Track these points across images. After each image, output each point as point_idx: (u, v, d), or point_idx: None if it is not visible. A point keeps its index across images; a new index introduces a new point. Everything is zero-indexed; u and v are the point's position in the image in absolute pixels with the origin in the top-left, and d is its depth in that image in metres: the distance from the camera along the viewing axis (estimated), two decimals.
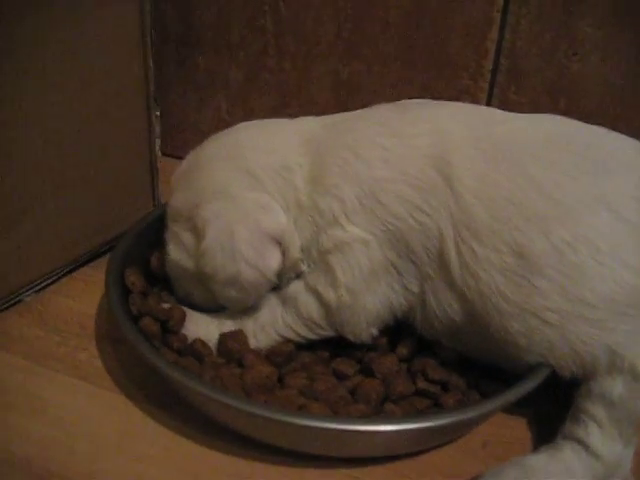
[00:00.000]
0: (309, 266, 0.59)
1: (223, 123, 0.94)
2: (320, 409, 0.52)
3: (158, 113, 0.77)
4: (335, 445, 0.52)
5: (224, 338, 0.59)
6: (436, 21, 0.80)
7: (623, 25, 0.73)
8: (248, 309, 0.61)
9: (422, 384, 0.58)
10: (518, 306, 0.52)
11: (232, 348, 0.58)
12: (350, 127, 0.59)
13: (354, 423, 0.49)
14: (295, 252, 0.58)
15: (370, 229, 0.56)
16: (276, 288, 0.61)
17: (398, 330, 0.61)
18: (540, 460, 0.52)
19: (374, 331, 0.59)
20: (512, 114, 0.59)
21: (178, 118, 0.97)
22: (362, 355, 0.61)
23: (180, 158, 0.96)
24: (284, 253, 0.58)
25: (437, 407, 0.57)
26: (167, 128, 0.97)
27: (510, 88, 0.80)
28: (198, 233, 0.59)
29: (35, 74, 0.62)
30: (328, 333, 0.60)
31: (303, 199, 0.58)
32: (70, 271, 0.74)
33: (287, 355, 0.59)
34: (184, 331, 0.60)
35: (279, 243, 0.57)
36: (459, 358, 0.59)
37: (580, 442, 0.52)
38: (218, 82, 0.92)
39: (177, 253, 0.61)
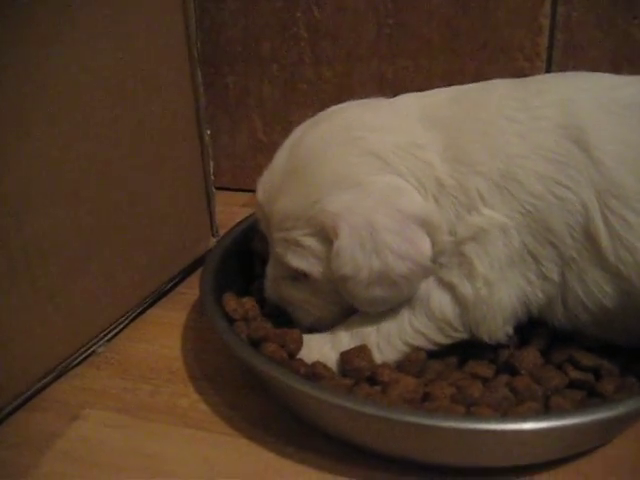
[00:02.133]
0: (440, 261, 0.53)
1: (260, 145, 0.89)
2: (489, 412, 0.46)
3: (209, 132, 0.71)
4: (518, 449, 0.45)
5: (349, 356, 0.52)
6: (482, 4, 0.76)
7: None
8: (366, 321, 0.54)
9: (574, 373, 0.52)
10: None
11: (361, 366, 0.52)
12: (477, 101, 0.54)
13: (563, 417, 0.43)
14: (443, 234, 0.52)
15: (507, 212, 0.50)
16: None
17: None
18: None
19: (509, 329, 0.53)
20: (626, 77, 0.55)
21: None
22: (494, 355, 0.55)
23: (217, 188, 0.91)
24: (431, 237, 0.51)
25: (594, 396, 0.51)
26: None
27: (569, 64, 0.77)
28: (327, 233, 0.51)
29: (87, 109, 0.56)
30: (462, 335, 0.53)
31: (444, 178, 0.52)
32: (139, 314, 0.66)
33: (421, 363, 0.53)
34: (299, 356, 0.54)
35: (425, 226, 0.51)
36: (602, 345, 0.54)
37: None
38: (251, 101, 0.87)
39: (300, 263, 0.53)
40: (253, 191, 0.83)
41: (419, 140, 0.53)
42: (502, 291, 0.51)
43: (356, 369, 0.52)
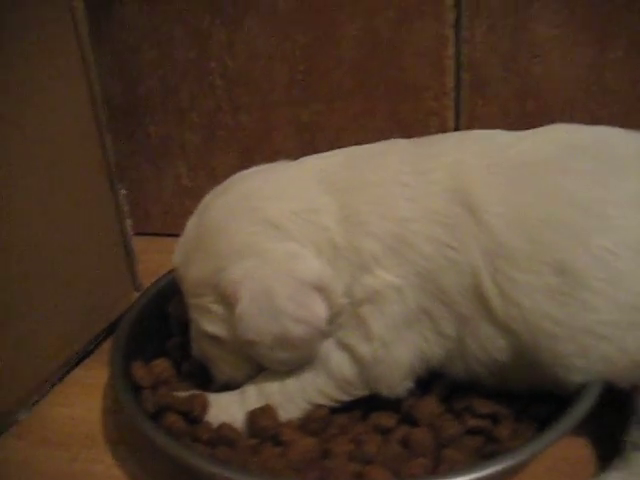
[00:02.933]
0: (337, 322, 0.55)
1: (185, 190, 0.91)
2: (380, 472, 0.48)
3: (124, 191, 0.73)
4: None
5: (254, 417, 0.54)
6: (389, 47, 0.79)
7: (577, 19, 0.74)
8: (271, 379, 0.56)
9: (472, 421, 0.54)
10: (569, 326, 0.50)
11: (265, 425, 0.54)
12: (371, 165, 0.56)
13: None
14: (338, 297, 0.54)
15: (401, 274, 0.53)
16: None
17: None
18: (614, 477, 0.50)
19: (409, 384, 0.56)
20: (517, 133, 0.57)
21: (137, 193, 0.92)
22: (398, 403, 0.57)
23: (146, 234, 0.93)
24: (327, 300, 0.54)
25: (491, 441, 0.54)
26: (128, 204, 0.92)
27: (477, 101, 0.80)
28: (229, 300, 0.54)
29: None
30: (362, 392, 0.56)
31: (338, 240, 0.54)
32: (62, 377, 0.68)
33: (323, 420, 0.55)
34: (206, 418, 0.55)
35: (320, 290, 0.53)
36: (501, 391, 0.57)
37: None
38: (174, 148, 0.89)
39: (210, 327, 0.56)
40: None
41: (315, 205, 0.55)
42: (399, 350, 0.54)
43: (261, 429, 0.54)
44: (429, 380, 0.58)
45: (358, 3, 0.77)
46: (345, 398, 0.56)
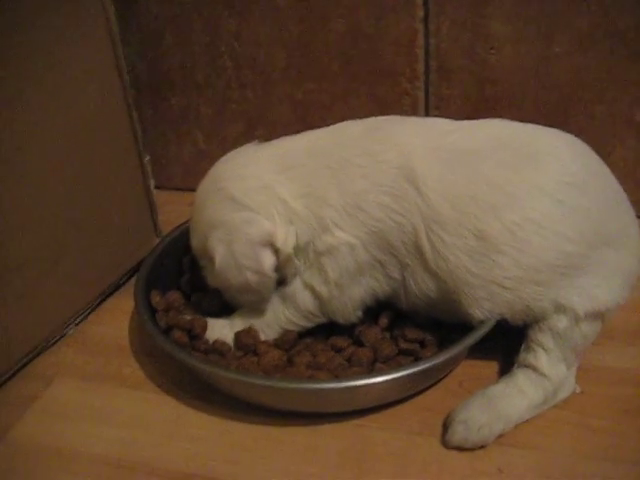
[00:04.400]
0: (305, 264, 0.71)
1: (202, 153, 1.08)
2: (325, 376, 0.66)
3: (148, 158, 0.90)
4: (341, 401, 0.66)
5: (239, 335, 0.73)
6: (369, 38, 0.92)
7: (526, 17, 0.86)
8: (254, 309, 0.74)
9: (403, 344, 0.71)
10: (482, 278, 0.65)
11: (247, 342, 0.72)
12: (330, 152, 0.70)
13: (355, 380, 0.63)
14: (287, 249, 0.70)
15: (356, 233, 0.68)
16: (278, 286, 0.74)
17: (379, 304, 0.75)
18: (498, 388, 0.66)
19: (359, 313, 0.72)
20: (458, 122, 0.70)
21: (162, 154, 1.10)
22: (352, 329, 0.75)
23: (169, 189, 1.10)
24: (277, 252, 0.70)
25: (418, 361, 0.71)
26: (153, 164, 1.09)
27: (442, 85, 0.93)
28: (212, 260, 0.71)
29: (25, 133, 0.72)
30: (322, 320, 0.73)
31: (299, 209, 0.69)
32: (99, 303, 0.87)
33: (291, 341, 0.73)
34: (205, 336, 0.74)
35: (269, 245, 0.69)
36: (431, 320, 0.73)
37: (531, 367, 0.66)
38: (191, 118, 1.05)
39: (207, 274, 0.75)
40: None
41: (270, 182, 0.70)
42: (353, 290, 0.70)
43: (244, 345, 0.72)
44: (376, 312, 0.75)
45: (343, 1, 0.91)
46: (308, 324, 0.73)
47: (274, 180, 0.71)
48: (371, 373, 0.67)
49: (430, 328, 0.73)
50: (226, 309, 0.77)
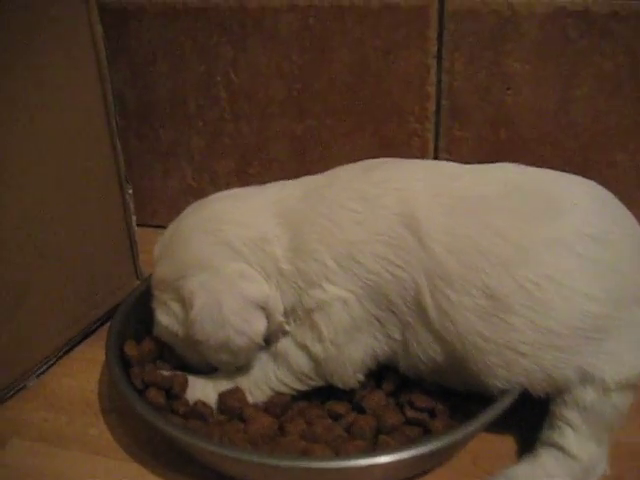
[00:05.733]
0: (295, 322, 0.64)
1: (190, 189, 1.00)
2: (321, 450, 0.57)
3: (131, 191, 0.82)
4: None
5: (224, 397, 0.64)
6: (377, 73, 0.86)
7: (546, 57, 0.81)
8: (241, 368, 0.65)
9: (410, 413, 0.63)
10: (495, 342, 0.57)
11: (232, 405, 0.63)
12: (322, 196, 0.63)
13: (354, 459, 0.54)
14: (278, 316, 0.63)
15: (349, 287, 0.60)
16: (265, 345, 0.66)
17: (382, 367, 0.66)
18: (523, 469, 0.58)
19: (360, 377, 0.64)
20: (466, 166, 0.64)
21: (146, 189, 1.02)
22: (352, 394, 0.66)
23: (152, 226, 1.02)
24: (268, 318, 0.63)
25: (427, 433, 0.62)
26: (137, 199, 1.01)
27: (454, 126, 0.87)
28: (185, 303, 0.63)
29: (11, 169, 0.66)
30: (318, 383, 0.64)
31: (284, 267, 0.62)
32: (67, 352, 0.77)
33: (284, 405, 0.64)
34: (185, 395, 0.65)
35: (263, 308, 0.62)
36: (441, 387, 0.65)
37: (557, 446, 0.58)
38: (181, 151, 0.98)
39: (166, 320, 0.66)
40: None
41: (268, 235, 0.63)
42: (351, 349, 0.62)
43: (229, 408, 0.63)
44: (380, 375, 0.66)
45: (350, 32, 0.85)
46: (303, 388, 0.64)
47: (271, 233, 0.64)
48: (376, 450, 0.58)
49: (441, 395, 0.64)
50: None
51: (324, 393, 0.66)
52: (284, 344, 0.64)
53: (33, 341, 0.72)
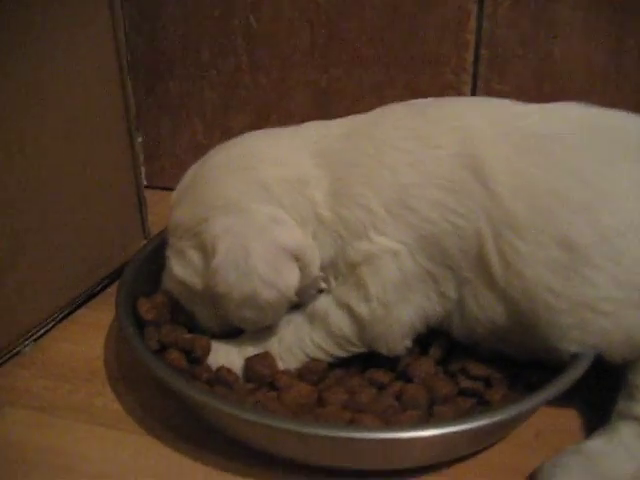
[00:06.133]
0: (337, 279, 0.56)
1: (200, 147, 0.91)
2: (371, 420, 0.49)
3: (140, 139, 0.74)
4: (393, 457, 0.49)
5: (252, 362, 0.56)
6: (412, 18, 0.79)
7: (600, 3, 0.74)
8: (270, 330, 0.58)
9: (465, 382, 0.56)
10: (569, 300, 0.50)
11: (262, 372, 0.55)
12: (368, 135, 0.56)
13: (417, 430, 0.46)
14: (314, 269, 0.55)
15: (401, 238, 0.53)
16: (296, 306, 0.58)
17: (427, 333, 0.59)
18: (598, 444, 0.51)
19: (408, 343, 0.56)
20: (531, 105, 0.57)
21: (153, 146, 0.93)
22: (394, 362, 0.58)
23: (158, 187, 0.94)
24: (302, 270, 0.55)
25: (483, 404, 0.55)
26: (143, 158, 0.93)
27: (493, 78, 0.80)
28: (207, 250, 0.55)
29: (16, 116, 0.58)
30: (359, 349, 0.57)
31: (325, 213, 0.55)
32: (67, 315, 0.69)
33: (320, 372, 0.56)
34: (207, 361, 0.57)
35: (297, 259, 0.54)
36: (496, 355, 0.57)
37: (637, 419, 0.51)
38: (192, 105, 0.90)
39: (182, 271, 0.57)
40: None
41: (306, 176, 0.56)
42: (400, 310, 0.54)
43: (258, 375, 0.55)
44: (427, 341, 0.59)
45: None
46: (342, 354, 0.57)
47: (310, 174, 0.56)
48: (431, 421, 0.50)
49: (497, 363, 0.57)
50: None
51: (360, 360, 0.58)
52: (323, 304, 0.56)
53: (29, 301, 0.64)
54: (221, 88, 0.88)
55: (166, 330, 0.57)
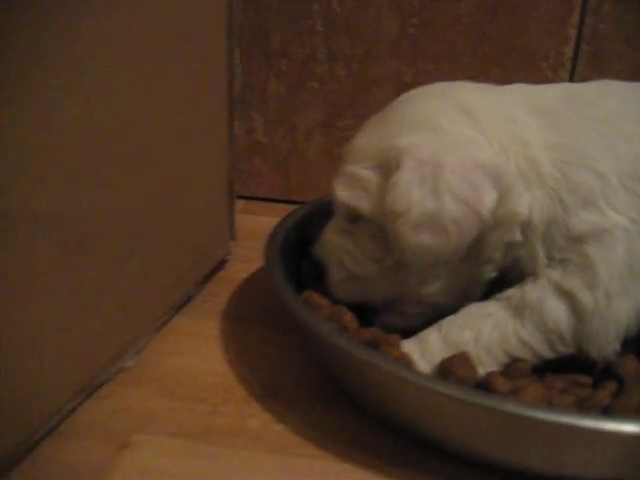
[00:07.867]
0: (550, 257, 0.48)
1: (259, 147, 0.82)
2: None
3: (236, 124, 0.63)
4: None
5: (452, 366, 0.46)
6: (513, 9, 0.74)
7: None
8: (464, 325, 0.48)
9: None
10: None
11: (466, 377, 0.46)
12: (593, 102, 0.51)
13: None
14: (516, 204, 0.47)
15: (632, 215, 0.46)
16: (487, 296, 0.50)
17: None
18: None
19: (617, 346, 0.48)
20: None
21: None
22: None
23: None
24: (501, 199, 0.46)
25: None
26: None
27: (592, 75, 0.76)
28: (389, 166, 0.48)
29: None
30: (569, 350, 0.48)
31: (545, 168, 0.48)
32: (163, 324, 0.57)
33: (526, 373, 0.48)
34: None
35: (496, 181, 0.46)
36: None
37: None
38: (253, 98, 0.80)
39: (347, 194, 0.51)
40: (247, 197, 0.76)
41: (519, 117, 0.49)
42: (621, 303, 0.47)
43: (461, 380, 0.46)
44: None
45: None
46: (549, 355, 0.48)
47: (523, 118, 0.49)
48: None
49: None
50: None
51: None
52: (535, 292, 0.48)
53: (131, 307, 0.51)
54: (290, 79, 0.78)
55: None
